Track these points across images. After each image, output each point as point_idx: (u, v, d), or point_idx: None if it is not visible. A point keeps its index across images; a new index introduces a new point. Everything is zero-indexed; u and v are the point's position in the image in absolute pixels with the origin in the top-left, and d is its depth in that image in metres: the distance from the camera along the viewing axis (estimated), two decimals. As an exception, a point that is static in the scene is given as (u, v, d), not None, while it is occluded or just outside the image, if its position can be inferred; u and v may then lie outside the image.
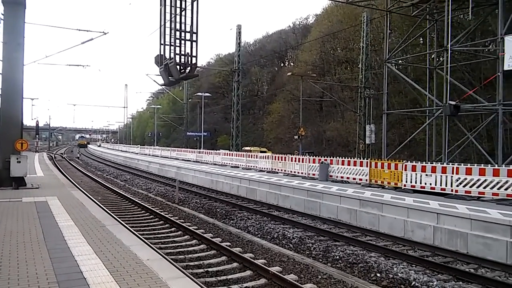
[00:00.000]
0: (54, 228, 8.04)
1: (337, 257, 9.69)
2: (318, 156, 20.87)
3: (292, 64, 65.05)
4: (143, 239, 8.99)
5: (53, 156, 50.50)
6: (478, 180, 12.83)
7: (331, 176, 18.70)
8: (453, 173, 13.48)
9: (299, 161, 21.26)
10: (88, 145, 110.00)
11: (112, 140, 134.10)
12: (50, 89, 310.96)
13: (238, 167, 27.22)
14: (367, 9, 35.16)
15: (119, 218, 11.89)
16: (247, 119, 63.18)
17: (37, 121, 60.70)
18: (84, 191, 16.54)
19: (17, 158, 13.88)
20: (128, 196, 18.36)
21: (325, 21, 52.28)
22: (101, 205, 12.55)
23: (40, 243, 6.87)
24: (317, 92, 44.94)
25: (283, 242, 11.24)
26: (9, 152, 13.93)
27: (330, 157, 19.54)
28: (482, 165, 13.11)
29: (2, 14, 15.03)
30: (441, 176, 13.85)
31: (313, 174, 19.68)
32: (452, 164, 13.98)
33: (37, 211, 9.82)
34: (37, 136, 64.36)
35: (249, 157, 26.95)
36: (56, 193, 13.40)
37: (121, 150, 68.80)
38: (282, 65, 70.05)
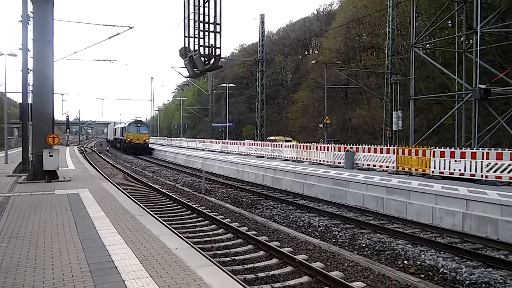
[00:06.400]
0: (86, 219, 8.32)
1: (364, 245, 9.66)
2: (344, 144, 20.71)
3: (316, 52, 64.37)
4: (172, 228, 9.18)
5: (83, 150, 51.79)
6: (510, 165, 12.52)
7: (357, 164, 18.55)
8: (483, 159, 13.18)
9: (324, 150, 21.15)
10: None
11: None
12: (79, 84, 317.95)
13: (263, 157, 27.31)
14: (393, -7, 34.38)
15: (148, 208, 12.19)
16: (272, 108, 63.10)
17: (67, 116, 62.22)
18: (114, 183, 17.00)
19: (49, 152, 14.34)
20: (156, 187, 18.71)
21: (349, 6, 51.47)
22: (130, 196, 12.85)
23: (73, 233, 7.12)
24: (342, 80, 44.40)
25: (309, 231, 11.27)
26: (42, 146, 14.39)
27: (355, 145, 19.35)
28: (514, 149, 12.77)
29: (32, 12, 15.46)
30: (470, 161, 13.56)
31: (339, 163, 19.57)
32: (482, 149, 13.64)
33: (70, 203, 10.16)
34: (67, 130, 66.18)
35: (274, 147, 26.98)
36: (87, 185, 13.81)
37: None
38: (306, 53, 69.42)
